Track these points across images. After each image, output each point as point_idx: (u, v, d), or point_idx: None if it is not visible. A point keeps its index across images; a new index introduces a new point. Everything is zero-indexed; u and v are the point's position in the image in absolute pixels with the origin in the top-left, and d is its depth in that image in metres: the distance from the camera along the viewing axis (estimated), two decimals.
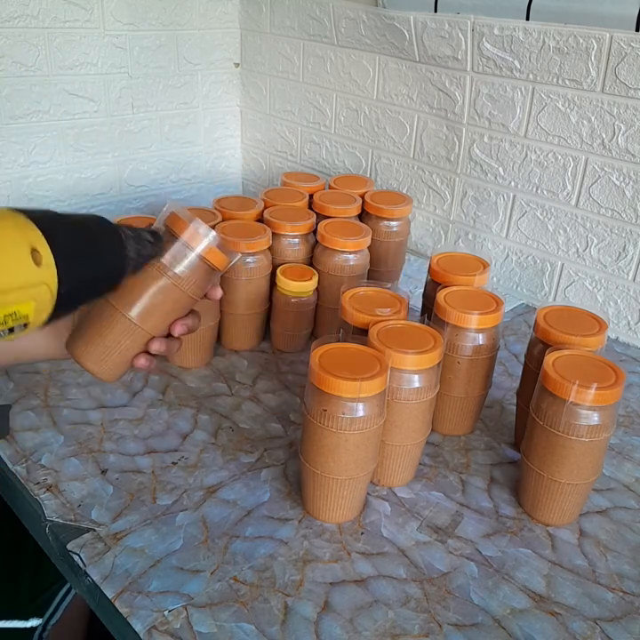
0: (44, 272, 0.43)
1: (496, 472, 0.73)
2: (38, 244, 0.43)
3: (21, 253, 0.42)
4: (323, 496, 0.63)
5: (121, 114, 1.32)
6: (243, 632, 0.53)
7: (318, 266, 0.91)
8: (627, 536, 0.65)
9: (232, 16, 1.41)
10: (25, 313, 0.43)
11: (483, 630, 0.55)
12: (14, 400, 0.79)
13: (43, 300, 0.44)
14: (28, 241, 0.43)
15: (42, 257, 0.43)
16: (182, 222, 0.55)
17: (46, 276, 0.44)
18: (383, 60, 1.18)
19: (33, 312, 0.44)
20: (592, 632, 0.55)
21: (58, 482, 0.67)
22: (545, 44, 0.94)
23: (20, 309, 0.43)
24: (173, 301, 0.56)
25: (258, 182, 1.55)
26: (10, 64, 1.15)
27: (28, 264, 0.42)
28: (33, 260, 0.43)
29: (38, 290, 0.43)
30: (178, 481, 0.68)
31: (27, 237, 0.43)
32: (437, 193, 1.18)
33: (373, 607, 0.56)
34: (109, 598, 0.55)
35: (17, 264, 0.42)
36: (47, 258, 0.44)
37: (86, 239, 0.48)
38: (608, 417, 0.61)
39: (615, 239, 0.97)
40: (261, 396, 0.83)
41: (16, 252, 0.42)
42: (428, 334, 0.67)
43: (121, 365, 0.58)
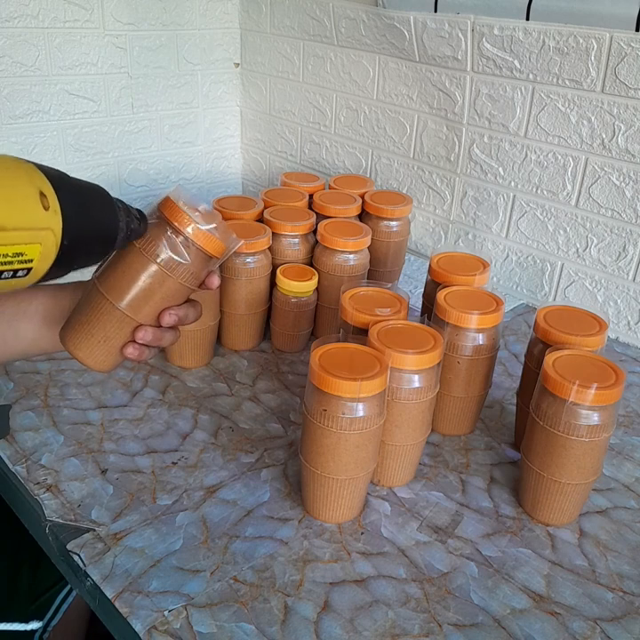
0: (52, 217, 0.44)
1: (496, 472, 0.73)
2: (46, 189, 0.43)
3: (31, 194, 0.42)
4: (323, 496, 0.63)
5: (121, 114, 1.32)
6: (243, 632, 0.53)
7: (318, 266, 0.91)
8: (627, 536, 0.65)
9: (232, 16, 1.41)
10: (31, 256, 0.43)
11: (483, 630, 0.55)
12: (14, 400, 0.79)
13: (48, 246, 0.44)
14: (36, 185, 0.43)
15: (49, 202, 0.43)
16: (174, 206, 0.53)
17: (53, 222, 0.44)
18: (383, 60, 1.18)
19: (38, 257, 0.44)
20: (592, 632, 0.55)
21: (58, 482, 0.67)
22: (545, 44, 0.94)
23: (26, 250, 0.43)
24: (164, 289, 0.54)
25: (258, 182, 1.55)
26: (10, 64, 1.15)
27: (37, 206, 0.43)
28: (42, 204, 0.43)
29: (45, 234, 0.43)
30: (178, 481, 0.68)
31: (34, 181, 0.43)
32: (437, 193, 1.18)
33: (373, 607, 0.56)
34: (109, 598, 0.55)
35: (27, 204, 0.42)
36: (54, 204, 0.44)
37: (88, 198, 0.48)
38: (608, 417, 0.61)
39: (615, 239, 0.97)
40: (261, 396, 0.83)
41: (26, 193, 0.42)
42: (428, 334, 0.67)
43: (112, 355, 0.56)
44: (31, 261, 0.43)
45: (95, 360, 0.56)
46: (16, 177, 0.42)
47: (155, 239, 0.53)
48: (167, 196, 0.54)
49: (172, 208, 0.53)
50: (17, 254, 0.42)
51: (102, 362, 0.56)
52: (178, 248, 0.54)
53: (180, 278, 0.55)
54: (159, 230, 0.54)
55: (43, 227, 0.43)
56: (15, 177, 0.42)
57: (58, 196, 0.44)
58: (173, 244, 0.54)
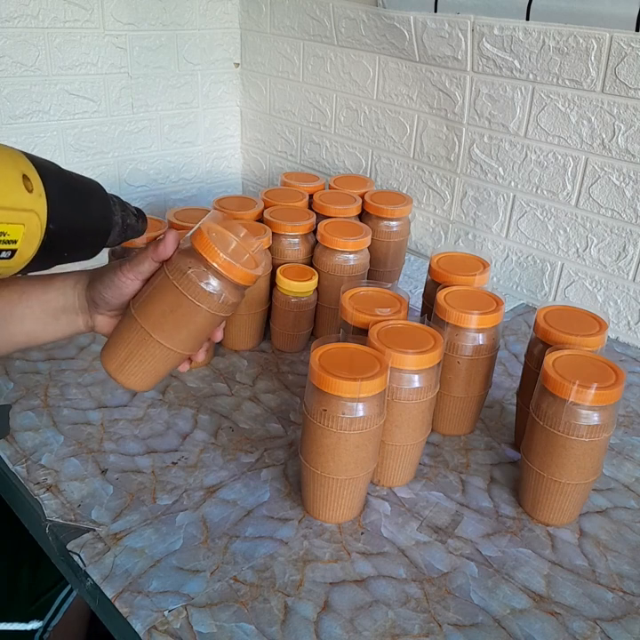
0: (35, 200, 0.43)
1: (496, 472, 0.73)
2: (29, 173, 0.43)
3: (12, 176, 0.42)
4: (323, 496, 0.63)
5: (121, 114, 1.32)
6: (243, 632, 0.53)
7: (318, 266, 0.91)
8: (627, 536, 0.65)
9: (232, 16, 1.41)
10: (14, 237, 0.43)
11: (483, 630, 0.55)
12: (14, 400, 0.79)
13: (32, 228, 0.44)
14: (18, 167, 0.43)
15: (32, 185, 0.43)
16: (202, 238, 0.54)
17: (37, 205, 0.44)
18: (383, 60, 1.18)
19: (22, 238, 0.43)
20: (592, 632, 0.55)
21: (58, 482, 0.67)
22: (545, 44, 0.94)
23: (8, 230, 0.42)
24: (208, 323, 0.57)
25: (258, 182, 1.55)
26: (10, 64, 1.15)
27: (18, 186, 0.42)
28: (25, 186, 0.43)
29: (28, 216, 0.43)
30: (178, 481, 0.68)
31: (18, 163, 0.43)
32: (437, 193, 1.18)
33: (373, 607, 0.56)
34: (109, 598, 0.55)
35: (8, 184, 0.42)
36: (38, 187, 0.43)
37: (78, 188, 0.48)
38: (608, 417, 0.61)
39: (615, 239, 0.97)
40: (261, 396, 0.83)
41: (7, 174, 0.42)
42: (428, 334, 0.67)
43: (156, 378, 0.59)
44: (15, 242, 0.43)
45: (140, 384, 0.59)
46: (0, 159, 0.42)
47: (196, 277, 0.54)
48: (199, 229, 0.55)
49: (204, 241, 0.54)
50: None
51: (146, 384, 0.59)
52: (209, 281, 0.54)
53: (213, 309, 0.56)
54: (191, 262, 0.54)
55: (25, 208, 0.43)
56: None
57: (43, 181, 0.44)
58: (204, 276, 0.54)
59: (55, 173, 0.46)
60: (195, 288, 0.54)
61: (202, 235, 0.54)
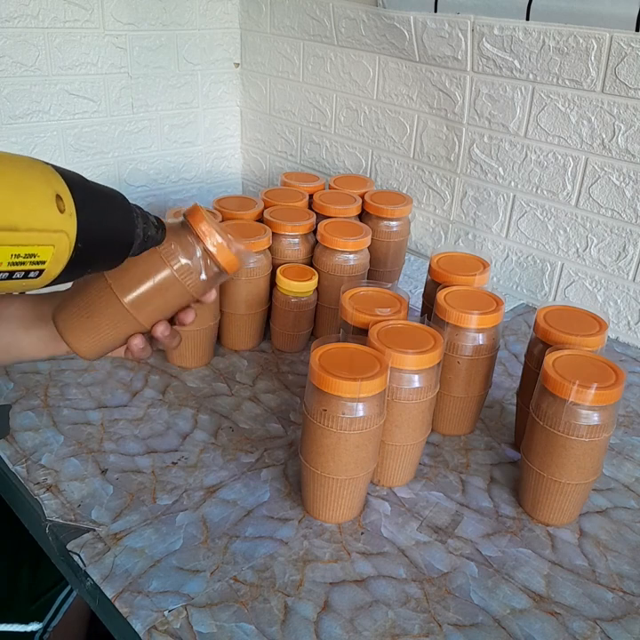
0: (67, 220, 0.43)
1: (496, 472, 0.73)
2: (62, 192, 0.43)
3: (47, 196, 0.42)
4: (323, 496, 0.63)
5: (121, 114, 1.32)
6: (243, 632, 0.53)
7: (318, 266, 0.91)
8: (627, 536, 0.65)
9: (232, 16, 1.41)
10: (43, 258, 0.43)
11: (483, 630, 0.55)
12: (14, 400, 0.79)
13: (61, 248, 0.44)
14: (52, 187, 0.43)
15: (65, 205, 0.43)
16: (201, 215, 0.54)
17: (68, 225, 0.44)
18: (383, 60, 1.18)
19: (50, 259, 0.43)
20: (592, 632, 0.55)
21: (58, 482, 0.67)
22: (545, 44, 0.94)
23: (38, 252, 0.42)
24: (170, 294, 0.55)
25: (258, 182, 1.55)
26: (10, 64, 1.15)
27: (52, 208, 0.42)
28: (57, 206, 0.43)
29: (59, 237, 0.43)
30: (178, 481, 0.68)
31: (51, 183, 0.43)
32: (437, 193, 1.18)
33: (373, 607, 0.56)
34: (109, 598, 0.55)
35: (42, 205, 0.42)
36: (70, 207, 0.44)
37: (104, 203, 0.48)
38: (608, 417, 0.61)
39: (615, 239, 0.97)
40: (261, 396, 0.83)
41: (42, 194, 0.42)
42: (428, 334, 0.67)
43: (102, 347, 0.57)
44: (44, 263, 0.43)
45: (85, 348, 0.56)
46: (33, 178, 0.42)
47: (174, 243, 0.53)
48: (195, 204, 0.55)
49: (198, 217, 0.54)
50: (29, 255, 0.42)
51: (92, 351, 0.56)
52: (195, 257, 0.54)
53: (190, 286, 0.55)
54: (180, 235, 0.54)
55: (57, 229, 0.43)
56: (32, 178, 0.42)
57: (74, 199, 0.44)
58: (192, 252, 0.54)
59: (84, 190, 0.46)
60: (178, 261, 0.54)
61: (199, 212, 0.54)
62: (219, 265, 0.55)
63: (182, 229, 0.54)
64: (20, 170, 0.42)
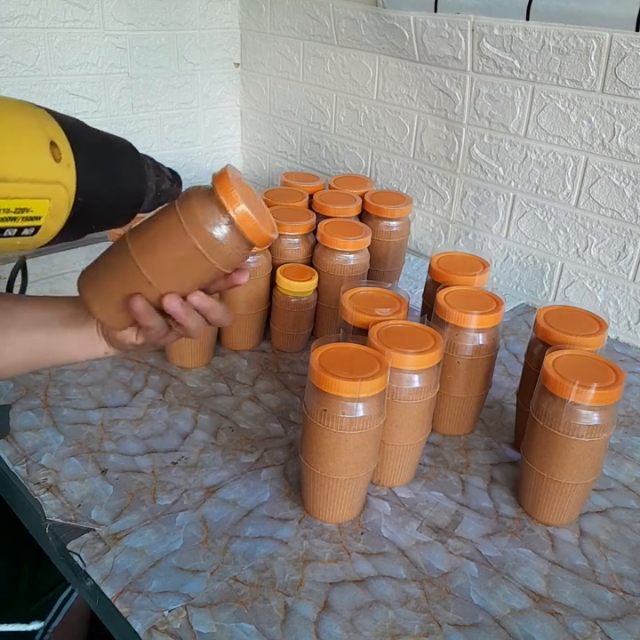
0: (63, 170, 0.38)
1: (496, 472, 0.73)
2: (58, 138, 0.38)
3: (38, 142, 0.37)
4: (323, 496, 0.63)
5: (121, 114, 1.32)
6: (243, 632, 0.53)
7: (318, 266, 0.91)
8: (627, 536, 0.65)
9: (232, 16, 1.41)
10: (38, 213, 0.38)
11: (483, 630, 0.55)
12: (14, 400, 0.79)
13: (58, 202, 0.39)
14: (46, 132, 0.38)
15: (61, 153, 0.38)
16: (227, 183, 0.48)
17: (65, 176, 0.39)
18: (383, 60, 1.18)
19: (47, 213, 0.39)
20: (592, 632, 0.55)
21: (58, 482, 0.67)
22: (545, 44, 0.94)
23: (32, 206, 0.38)
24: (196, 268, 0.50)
25: (258, 182, 1.55)
26: (10, 64, 1.15)
27: (45, 156, 0.37)
28: (52, 154, 0.38)
29: (55, 189, 0.38)
30: (178, 481, 0.68)
31: (45, 129, 0.38)
32: (437, 193, 1.18)
33: (373, 607, 0.56)
34: (109, 598, 0.55)
35: (34, 153, 0.37)
36: (67, 156, 0.39)
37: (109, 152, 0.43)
38: (608, 417, 0.61)
39: (615, 239, 0.97)
40: (261, 396, 0.83)
41: (34, 140, 0.37)
42: (428, 334, 0.67)
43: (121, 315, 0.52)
44: (39, 219, 0.39)
45: (105, 314, 0.52)
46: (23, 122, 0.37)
47: (200, 211, 0.48)
48: (226, 168, 0.49)
49: (227, 184, 0.48)
50: (20, 209, 0.37)
51: (111, 317, 0.53)
52: (221, 227, 0.49)
53: (215, 259, 0.50)
54: (206, 204, 0.49)
55: (52, 180, 0.38)
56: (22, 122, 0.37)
57: (72, 146, 0.39)
58: (217, 221, 0.49)
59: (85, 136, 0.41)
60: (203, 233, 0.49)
61: (226, 178, 0.48)
62: (246, 237, 0.50)
63: (209, 196, 0.49)
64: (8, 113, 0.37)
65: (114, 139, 0.44)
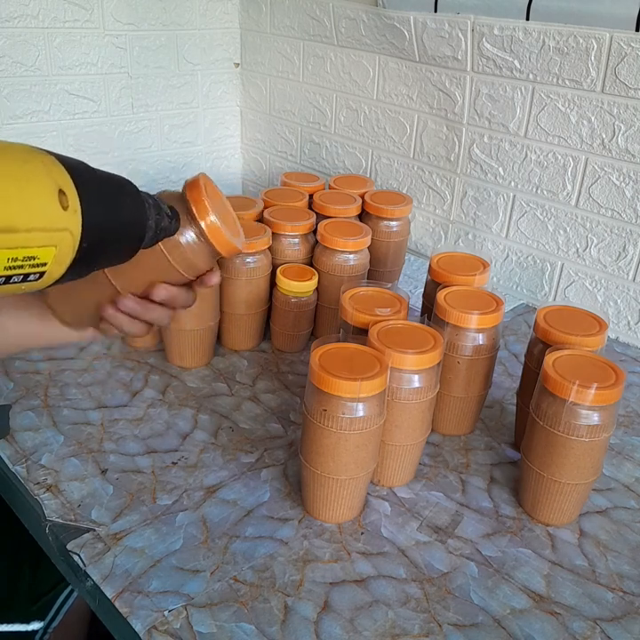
0: (70, 217, 0.39)
1: (496, 472, 0.73)
2: (66, 186, 0.39)
3: (48, 192, 0.38)
4: (323, 496, 0.63)
5: (121, 114, 1.32)
6: (243, 632, 0.53)
7: (318, 266, 0.91)
8: (627, 536, 0.65)
9: (232, 16, 1.41)
10: (44, 260, 0.38)
11: (483, 630, 0.55)
12: (14, 400, 0.79)
13: (64, 249, 0.39)
14: (54, 181, 0.38)
15: (69, 201, 0.39)
16: (200, 191, 0.49)
17: (71, 223, 0.39)
18: (383, 60, 1.18)
19: (52, 260, 0.39)
20: (592, 632, 0.55)
21: (58, 482, 0.67)
22: (545, 44, 0.94)
23: (39, 254, 0.38)
24: (156, 268, 0.50)
25: (258, 182, 1.55)
26: (10, 64, 1.15)
27: (54, 204, 0.38)
28: (60, 202, 0.38)
29: (61, 236, 0.39)
30: (178, 481, 0.68)
31: (54, 177, 0.38)
32: (437, 193, 1.18)
33: (373, 607, 0.56)
34: (109, 598, 0.55)
35: (43, 202, 0.37)
36: (74, 203, 0.39)
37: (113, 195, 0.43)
38: (608, 417, 0.61)
39: (615, 239, 0.97)
40: (261, 396, 0.83)
41: (43, 190, 0.37)
42: (428, 334, 0.67)
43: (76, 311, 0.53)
44: (44, 265, 0.39)
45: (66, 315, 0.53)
46: (33, 171, 0.37)
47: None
48: (199, 176, 0.50)
49: (199, 194, 0.49)
50: (28, 258, 0.38)
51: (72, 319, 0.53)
52: (187, 233, 0.50)
53: (177, 263, 0.50)
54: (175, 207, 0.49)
55: (59, 228, 0.38)
56: (32, 171, 0.37)
57: (79, 192, 0.39)
58: (184, 228, 0.49)
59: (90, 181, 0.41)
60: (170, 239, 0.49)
61: (198, 186, 0.49)
62: (213, 248, 0.51)
63: (180, 202, 0.50)
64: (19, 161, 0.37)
65: (116, 179, 0.45)
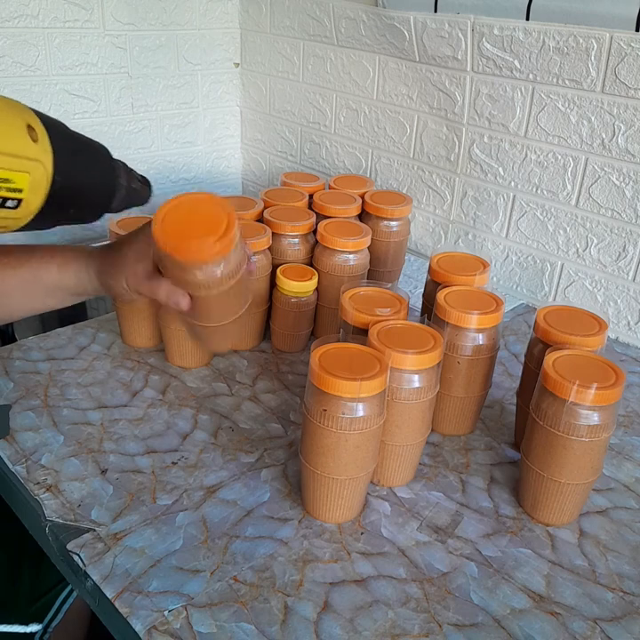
0: (40, 149, 0.43)
1: (496, 472, 0.73)
2: (34, 123, 0.43)
3: (17, 124, 0.42)
4: (323, 496, 0.63)
5: (121, 114, 1.32)
6: (243, 632, 0.53)
7: (318, 266, 0.91)
8: (627, 536, 0.65)
9: (232, 16, 1.41)
10: (19, 185, 0.42)
11: (483, 630, 0.55)
12: (14, 400, 0.79)
13: (38, 177, 0.43)
14: (22, 117, 0.43)
15: (37, 135, 0.43)
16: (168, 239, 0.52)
17: (42, 155, 0.43)
18: (383, 60, 1.18)
19: (28, 186, 0.43)
20: (592, 632, 0.55)
21: (58, 482, 0.67)
22: (545, 44, 0.94)
23: (13, 177, 0.42)
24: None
25: (258, 182, 1.55)
26: (10, 64, 1.15)
27: (21, 133, 0.42)
28: (29, 135, 0.43)
29: (34, 165, 0.43)
30: (178, 481, 0.68)
31: (22, 113, 0.43)
32: (437, 193, 1.18)
33: (373, 607, 0.56)
34: (109, 598, 0.55)
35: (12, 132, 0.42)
36: (43, 138, 0.44)
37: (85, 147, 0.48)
38: (608, 417, 0.61)
39: (615, 239, 0.97)
40: (261, 396, 0.83)
41: (12, 122, 0.42)
42: (428, 334, 0.67)
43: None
44: (21, 191, 0.43)
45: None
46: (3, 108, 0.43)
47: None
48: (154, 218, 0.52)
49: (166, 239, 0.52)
50: (4, 179, 0.42)
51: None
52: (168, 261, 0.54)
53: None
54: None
55: (30, 157, 0.42)
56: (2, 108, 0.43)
57: (49, 133, 0.44)
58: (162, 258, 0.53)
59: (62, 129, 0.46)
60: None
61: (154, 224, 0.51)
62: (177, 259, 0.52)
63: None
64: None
65: (89, 140, 0.50)
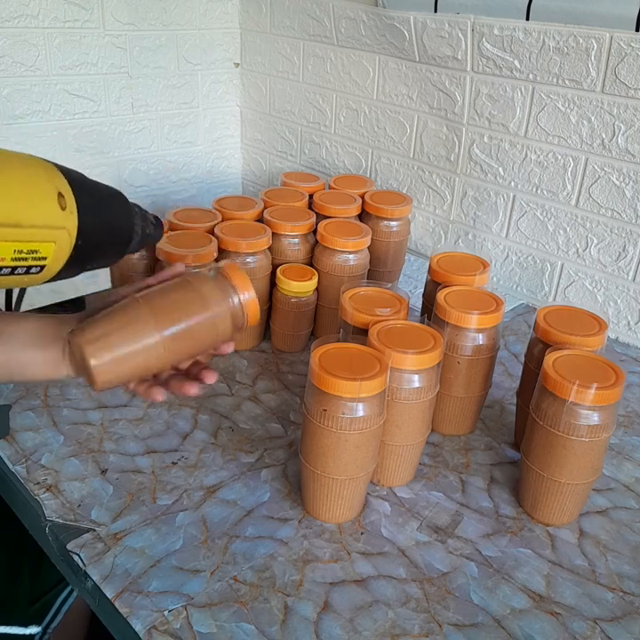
0: (68, 217, 0.45)
1: (496, 472, 0.73)
2: (64, 189, 0.45)
3: (49, 193, 0.44)
4: (323, 496, 0.63)
5: (121, 114, 1.32)
6: (243, 632, 0.53)
7: (318, 266, 0.91)
8: (627, 536, 0.65)
9: (232, 16, 1.41)
10: (45, 254, 0.44)
11: (483, 630, 0.55)
12: (14, 400, 0.79)
13: (62, 245, 0.45)
14: (54, 184, 0.45)
15: (66, 202, 0.45)
16: (239, 270, 0.57)
17: (69, 222, 0.45)
18: (383, 60, 1.18)
19: (52, 255, 0.45)
20: (592, 632, 0.55)
21: (58, 482, 0.67)
22: (545, 44, 0.94)
23: (40, 248, 0.44)
24: (207, 337, 0.55)
25: (258, 182, 1.55)
26: (10, 64, 1.15)
27: (54, 205, 0.44)
28: (59, 204, 0.44)
29: (60, 233, 0.45)
30: (178, 481, 0.68)
31: (54, 181, 0.45)
32: (437, 193, 1.18)
33: (373, 607, 0.56)
34: (109, 598, 0.55)
35: (44, 202, 0.44)
36: (71, 204, 0.45)
37: (105, 201, 0.50)
38: (608, 417, 0.61)
39: (615, 239, 0.97)
40: (261, 396, 0.83)
41: (44, 191, 0.44)
42: (428, 334, 0.67)
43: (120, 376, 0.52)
44: (45, 259, 0.45)
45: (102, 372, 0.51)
46: (36, 175, 0.44)
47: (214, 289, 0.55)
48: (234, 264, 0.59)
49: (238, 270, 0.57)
50: (31, 251, 0.43)
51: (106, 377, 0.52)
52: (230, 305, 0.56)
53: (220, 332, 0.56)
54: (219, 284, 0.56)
55: (58, 226, 0.44)
56: (35, 175, 0.44)
57: (75, 196, 0.46)
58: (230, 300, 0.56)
59: (85, 188, 0.48)
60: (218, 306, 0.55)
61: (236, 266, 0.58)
62: (246, 317, 0.58)
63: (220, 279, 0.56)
64: (24, 167, 0.44)
65: (108, 189, 0.52)
